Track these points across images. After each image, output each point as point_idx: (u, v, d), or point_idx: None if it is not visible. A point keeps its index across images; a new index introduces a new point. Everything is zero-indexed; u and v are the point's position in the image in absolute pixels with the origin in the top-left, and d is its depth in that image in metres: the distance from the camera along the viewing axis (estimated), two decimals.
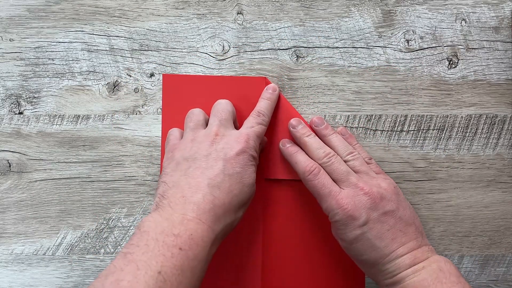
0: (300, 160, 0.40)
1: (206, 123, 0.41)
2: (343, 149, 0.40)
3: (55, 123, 0.44)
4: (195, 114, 0.41)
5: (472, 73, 0.44)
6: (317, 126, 0.42)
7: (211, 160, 0.36)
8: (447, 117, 0.44)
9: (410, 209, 0.39)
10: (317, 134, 0.42)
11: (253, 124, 0.40)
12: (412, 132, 0.44)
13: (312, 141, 0.41)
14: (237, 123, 0.42)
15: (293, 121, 0.42)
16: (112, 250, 0.44)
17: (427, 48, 0.44)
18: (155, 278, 0.29)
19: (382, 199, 0.37)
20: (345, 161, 0.40)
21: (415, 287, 0.35)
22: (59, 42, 0.44)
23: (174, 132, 0.41)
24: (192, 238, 0.32)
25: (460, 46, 0.44)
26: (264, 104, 0.41)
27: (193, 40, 0.44)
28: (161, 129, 0.44)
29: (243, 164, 0.37)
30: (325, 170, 0.39)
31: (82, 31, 0.44)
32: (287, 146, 0.42)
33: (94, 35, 0.44)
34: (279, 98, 0.43)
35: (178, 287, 0.30)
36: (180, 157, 0.37)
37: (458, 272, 0.36)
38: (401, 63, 0.44)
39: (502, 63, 0.44)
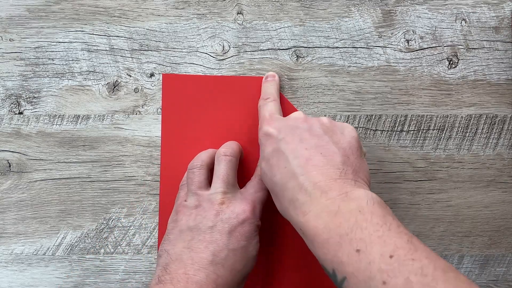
0: (265, 88, 0.42)
1: (209, 167, 0.40)
2: None
3: (55, 123, 0.44)
4: (196, 175, 0.39)
5: (472, 73, 0.44)
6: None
7: (216, 233, 0.35)
8: (447, 117, 0.44)
9: (351, 147, 0.33)
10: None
11: (257, 190, 0.39)
12: (412, 132, 0.44)
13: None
14: (243, 154, 0.42)
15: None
16: (112, 250, 0.44)
17: (427, 48, 0.44)
18: None
19: (312, 119, 0.35)
20: None
21: (329, 237, 0.28)
22: (59, 42, 0.44)
23: (184, 188, 0.40)
24: None
25: (460, 46, 0.44)
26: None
27: (193, 40, 0.44)
28: (160, 129, 0.44)
29: (248, 236, 0.36)
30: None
31: (82, 31, 0.44)
32: (268, 78, 0.43)
33: (94, 35, 0.44)
34: (280, 98, 0.43)
35: None
36: (184, 225, 0.36)
37: (383, 211, 0.29)
38: (401, 63, 0.44)
39: (502, 63, 0.44)
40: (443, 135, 0.44)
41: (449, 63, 0.44)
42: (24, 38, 0.44)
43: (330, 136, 0.34)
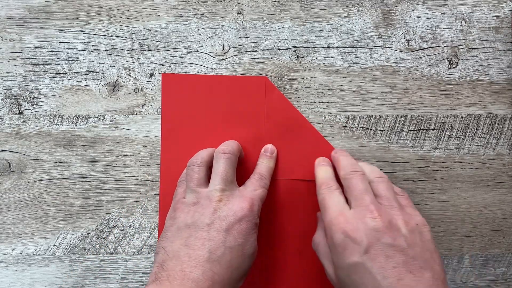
0: (323, 175, 0.39)
1: (208, 165, 0.40)
2: (373, 171, 0.38)
3: (55, 123, 0.44)
4: (196, 172, 0.39)
5: (472, 73, 0.44)
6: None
7: (213, 230, 0.35)
8: (447, 117, 0.44)
9: (431, 252, 0.33)
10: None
11: (256, 187, 0.39)
12: (412, 132, 0.44)
13: (346, 159, 0.39)
14: (242, 153, 0.42)
15: (337, 150, 0.42)
16: (112, 250, 0.44)
17: (427, 48, 0.44)
18: None
19: (392, 230, 0.33)
20: (370, 181, 0.37)
21: None
22: (59, 42, 0.44)
23: (183, 184, 0.40)
24: None
25: (460, 46, 0.44)
26: (264, 168, 0.41)
27: (193, 40, 0.44)
28: (160, 129, 0.44)
29: (245, 234, 0.36)
30: (344, 185, 0.37)
31: (82, 31, 0.44)
32: (321, 163, 0.41)
33: (94, 35, 0.44)
34: (280, 98, 0.43)
35: None
36: (181, 222, 0.36)
37: None
38: (401, 63, 0.44)
39: (502, 63, 0.44)
40: (443, 135, 0.44)
41: (449, 63, 0.44)
42: (24, 38, 0.44)
43: (413, 248, 0.33)
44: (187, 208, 0.37)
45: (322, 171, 0.40)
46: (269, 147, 0.42)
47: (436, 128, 0.44)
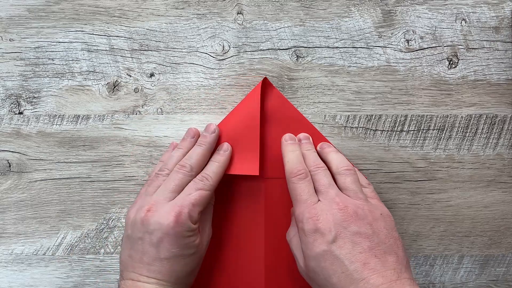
0: (293, 160, 0.39)
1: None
2: (339, 163, 0.39)
3: (55, 123, 0.44)
4: (159, 179, 0.39)
5: (472, 73, 0.44)
6: (321, 148, 0.42)
7: (146, 244, 0.36)
8: (447, 117, 0.44)
9: (395, 239, 0.35)
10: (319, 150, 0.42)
11: (191, 191, 0.37)
12: (412, 132, 0.44)
13: (311, 154, 0.41)
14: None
15: (301, 135, 0.42)
16: (112, 250, 0.44)
17: (427, 48, 0.44)
18: None
19: (358, 219, 0.35)
20: (336, 174, 0.39)
21: None
22: (59, 42, 0.44)
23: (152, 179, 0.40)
24: None
25: (460, 46, 0.44)
26: (212, 167, 0.40)
27: (193, 40, 0.44)
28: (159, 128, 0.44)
29: (178, 244, 0.36)
30: (312, 177, 0.39)
31: (82, 31, 0.44)
32: (288, 142, 0.41)
33: (94, 35, 0.44)
34: (280, 98, 0.43)
35: None
36: (126, 232, 0.38)
37: None
38: (401, 63, 0.44)
39: (502, 63, 0.44)
40: (443, 135, 0.44)
41: (449, 63, 0.44)
42: (24, 38, 0.44)
43: (378, 234, 0.35)
44: (134, 210, 0.38)
45: (290, 153, 0.40)
46: (224, 145, 0.41)
47: (436, 128, 0.44)
